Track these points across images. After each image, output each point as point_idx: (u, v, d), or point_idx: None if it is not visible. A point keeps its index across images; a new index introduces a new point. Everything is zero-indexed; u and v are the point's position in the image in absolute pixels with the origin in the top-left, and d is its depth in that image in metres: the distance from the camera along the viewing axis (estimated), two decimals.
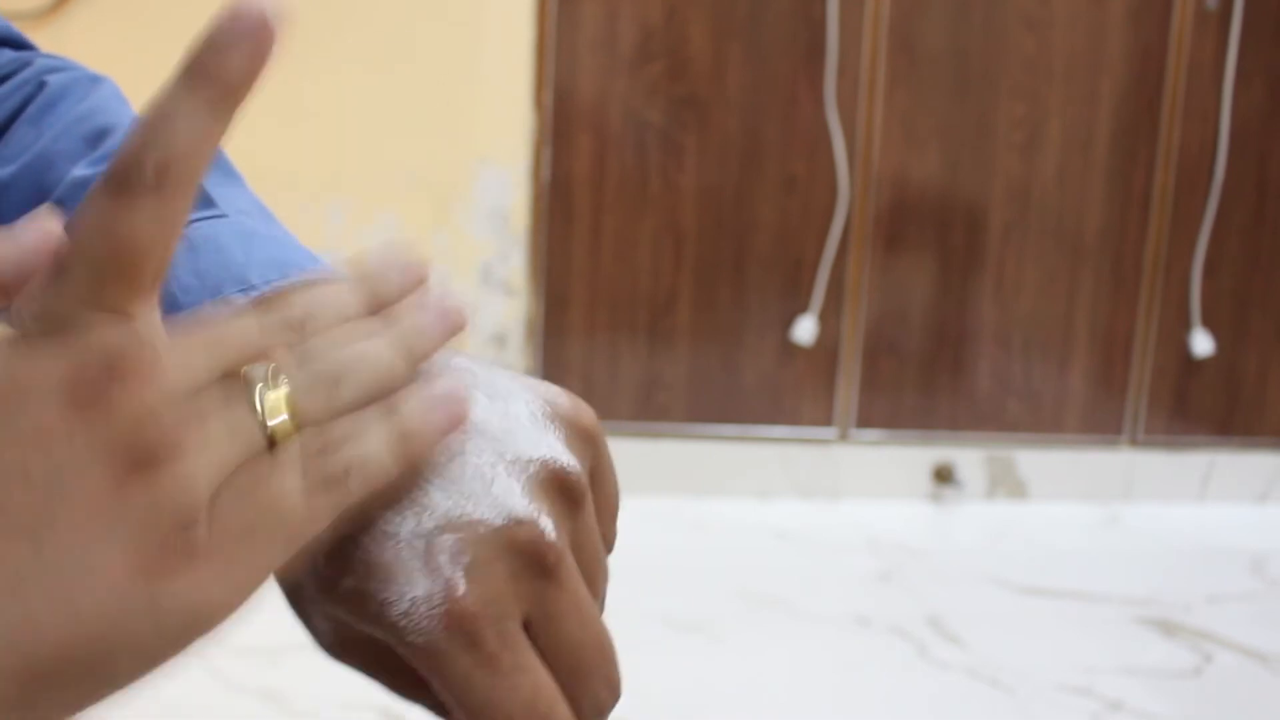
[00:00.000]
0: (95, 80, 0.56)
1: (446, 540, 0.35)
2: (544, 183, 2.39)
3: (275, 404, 0.32)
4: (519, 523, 0.35)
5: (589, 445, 0.39)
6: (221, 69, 0.31)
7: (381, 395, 0.35)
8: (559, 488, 0.37)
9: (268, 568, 0.32)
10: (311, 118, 2.31)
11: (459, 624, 0.34)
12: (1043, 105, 2.44)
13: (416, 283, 0.38)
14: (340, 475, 0.33)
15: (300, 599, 0.37)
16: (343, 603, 0.35)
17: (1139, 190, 2.48)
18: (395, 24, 2.30)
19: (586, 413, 0.39)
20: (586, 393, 2.44)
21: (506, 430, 0.37)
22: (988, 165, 2.45)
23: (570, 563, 0.36)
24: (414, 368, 0.36)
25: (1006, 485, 2.57)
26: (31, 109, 0.54)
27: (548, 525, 0.35)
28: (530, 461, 0.36)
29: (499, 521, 0.35)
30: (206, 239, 0.45)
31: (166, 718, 1.21)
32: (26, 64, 0.57)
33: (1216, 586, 2.23)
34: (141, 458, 0.30)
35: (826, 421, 2.50)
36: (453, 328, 0.37)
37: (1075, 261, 2.50)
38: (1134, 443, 2.57)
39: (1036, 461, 2.56)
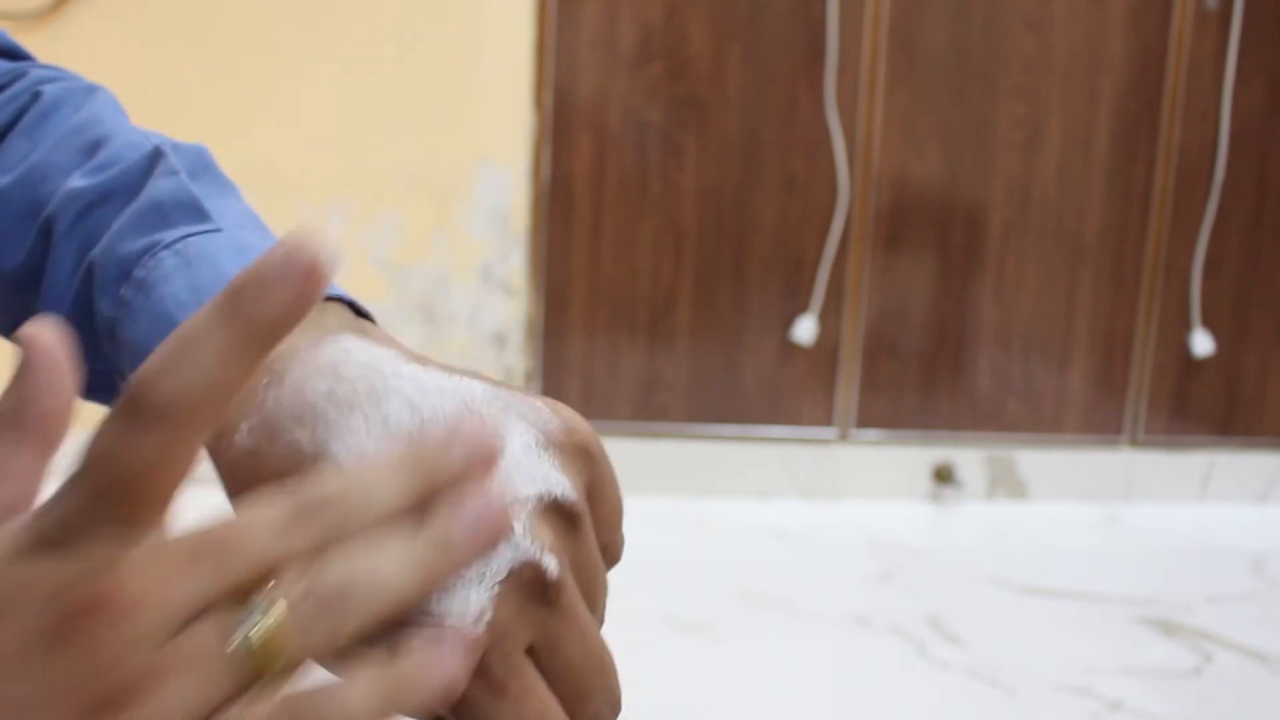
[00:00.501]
0: (91, 90, 0.55)
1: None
2: (544, 182, 2.39)
3: (267, 641, 0.31)
4: (523, 564, 0.36)
5: (586, 462, 0.39)
6: (262, 308, 0.30)
7: (389, 617, 0.33)
8: (557, 517, 0.37)
9: None
10: (311, 118, 2.31)
11: None
12: (1043, 105, 2.43)
13: (481, 466, 0.34)
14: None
15: None
16: None
17: (1139, 190, 2.48)
18: (395, 24, 2.30)
19: (581, 430, 0.39)
20: (586, 392, 2.44)
21: (504, 472, 0.37)
22: (988, 165, 2.45)
23: (571, 589, 0.37)
24: (429, 590, 0.34)
25: (1006, 485, 2.57)
26: (26, 120, 0.53)
27: (550, 563, 0.36)
28: (528, 499, 0.37)
29: (505, 566, 0.36)
30: (201, 254, 0.45)
31: None
32: (21, 75, 0.56)
33: (1216, 586, 2.23)
34: (102, 703, 0.29)
35: (826, 421, 2.50)
36: (485, 546, 0.34)
37: (1075, 261, 2.50)
38: (1134, 443, 2.57)
39: (1036, 461, 2.56)
